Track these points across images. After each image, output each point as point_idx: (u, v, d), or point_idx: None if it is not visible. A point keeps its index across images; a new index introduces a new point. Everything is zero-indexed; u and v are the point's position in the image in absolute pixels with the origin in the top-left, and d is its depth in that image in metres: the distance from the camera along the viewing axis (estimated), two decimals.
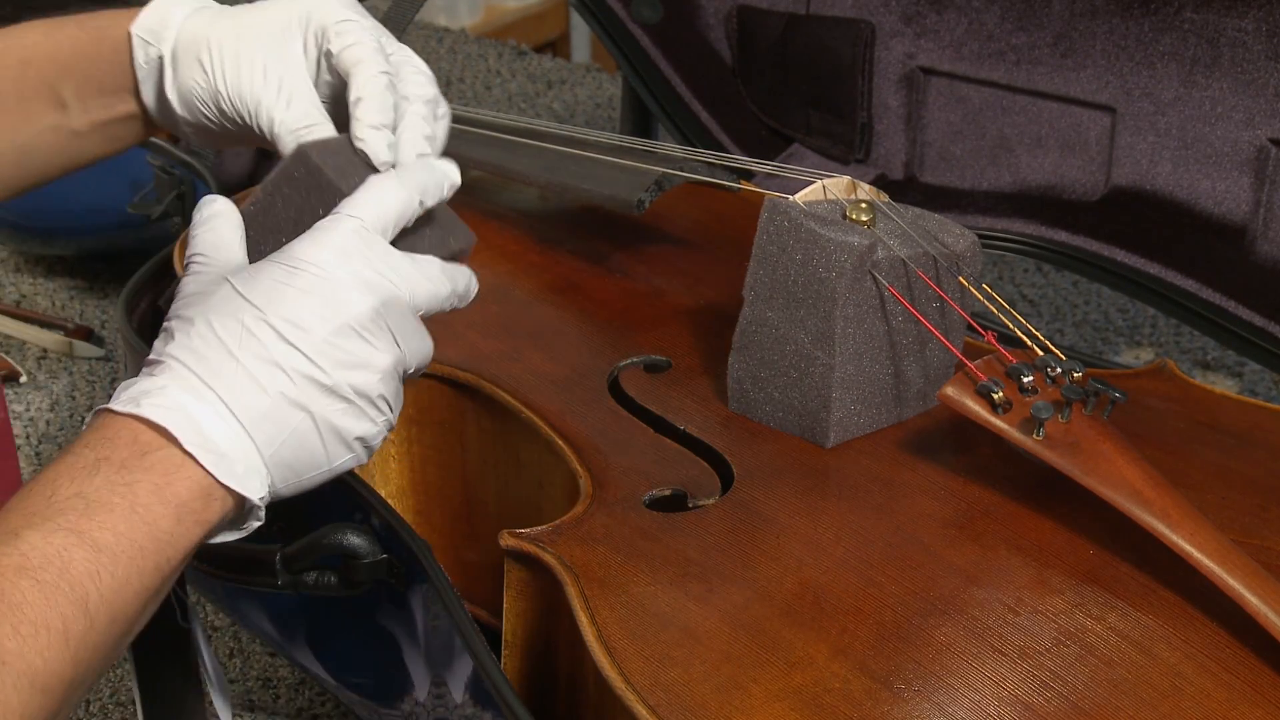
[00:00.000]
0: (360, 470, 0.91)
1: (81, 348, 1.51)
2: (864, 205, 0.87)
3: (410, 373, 0.71)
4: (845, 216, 0.87)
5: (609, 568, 0.75)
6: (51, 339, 1.52)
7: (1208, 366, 1.47)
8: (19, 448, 1.38)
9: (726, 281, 1.01)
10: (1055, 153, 1.18)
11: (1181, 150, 1.11)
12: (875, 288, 0.84)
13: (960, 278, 0.87)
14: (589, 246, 1.09)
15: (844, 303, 0.83)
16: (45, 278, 1.64)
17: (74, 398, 1.46)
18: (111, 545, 0.61)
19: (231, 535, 0.68)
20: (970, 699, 0.68)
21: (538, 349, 0.95)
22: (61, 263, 1.65)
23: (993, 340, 0.83)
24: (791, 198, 0.87)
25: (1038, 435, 0.77)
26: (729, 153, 1.29)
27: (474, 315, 0.79)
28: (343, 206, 0.70)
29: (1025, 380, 0.79)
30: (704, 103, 1.31)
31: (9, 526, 0.61)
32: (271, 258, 0.68)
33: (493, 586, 0.82)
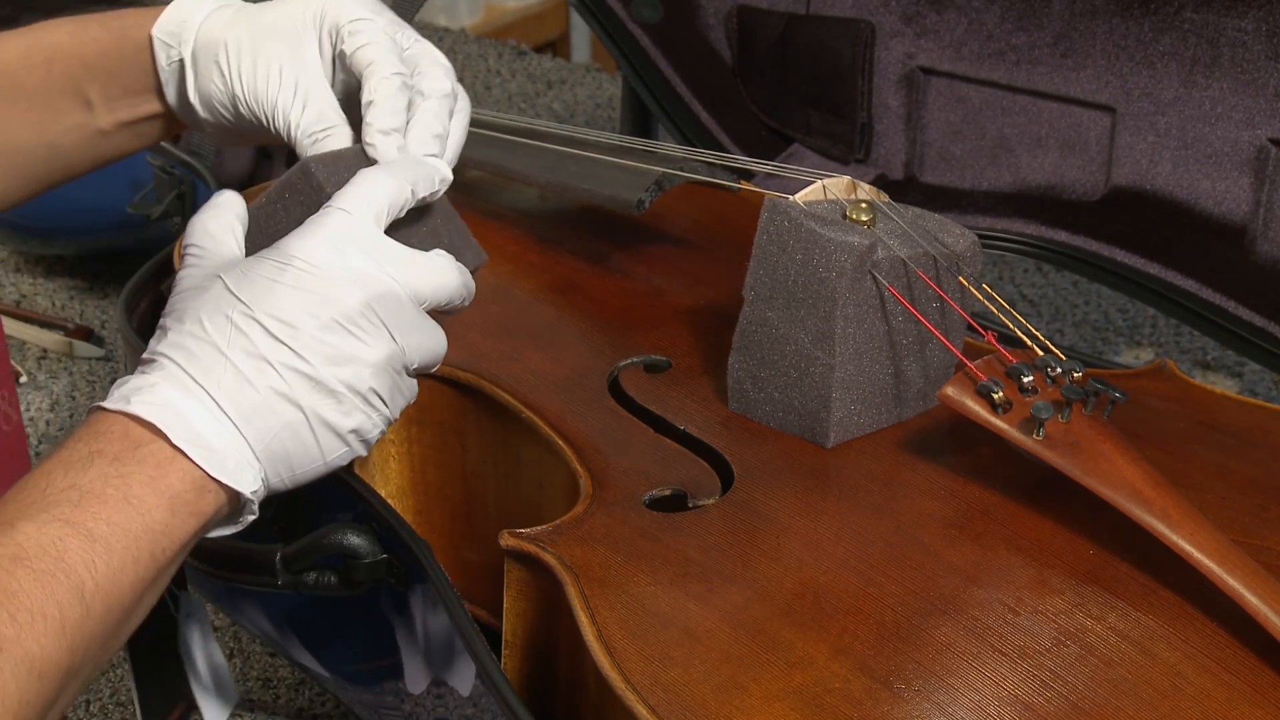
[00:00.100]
0: (360, 470, 0.91)
1: (81, 348, 1.51)
2: (864, 205, 0.87)
3: (416, 367, 0.71)
4: (845, 216, 0.87)
5: (609, 568, 0.75)
6: (51, 339, 1.52)
7: (1208, 366, 1.47)
8: None
9: (726, 281, 1.01)
10: (1055, 153, 1.18)
11: (1181, 150, 1.11)
12: (875, 288, 0.84)
13: (960, 278, 0.87)
14: (589, 246, 1.09)
15: (844, 303, 0.83)
16: (45, 278, 1.64)
17: (74, 398, 1.46)
18: (106, 535, 0.62)
19: (228, 529, 0.68)
20: (970, 699, 0.68)
21: (537, 349, 0.95)
22: (61, 263, 1.65)
23: (993, 340, 0.83)
24: (791, 198, 0.87)
25: (1038, 435, 0.77)
26: (729, 153, 1.28)
27: (474, 315, 0.79)
28: (332, 201, 0.70)
29: (1025, 380, 0.79)
30: (704, 103, 1.31)
31: (4, 518, 0.61)
32: (263, 253, 0.69)
33: (493, 586, 0.82)
